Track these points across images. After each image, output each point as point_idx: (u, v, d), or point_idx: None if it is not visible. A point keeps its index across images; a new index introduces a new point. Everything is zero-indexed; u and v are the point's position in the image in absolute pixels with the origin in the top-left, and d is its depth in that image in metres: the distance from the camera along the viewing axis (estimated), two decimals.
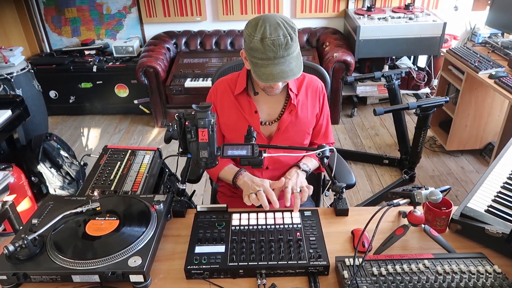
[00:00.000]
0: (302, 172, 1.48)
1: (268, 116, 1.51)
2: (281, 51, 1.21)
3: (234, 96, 1.48)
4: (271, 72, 1.23)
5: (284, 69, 1.23)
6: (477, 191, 1.28)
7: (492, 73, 2.54)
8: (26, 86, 3.10)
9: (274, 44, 1.19)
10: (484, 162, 3.14)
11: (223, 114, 1.52)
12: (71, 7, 4.06)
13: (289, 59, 1.23)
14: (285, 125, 1.49)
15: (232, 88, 1.49)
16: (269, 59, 1.22)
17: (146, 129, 3.87)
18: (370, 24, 3.45)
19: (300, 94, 1.50)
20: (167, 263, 1.14)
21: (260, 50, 1.21)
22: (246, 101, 1.47)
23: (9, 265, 1.03)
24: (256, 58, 1.24)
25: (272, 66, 1.22)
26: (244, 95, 1.47)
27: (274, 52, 1.20)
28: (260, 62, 1.24)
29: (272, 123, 1.51)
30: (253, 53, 1.24)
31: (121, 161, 1.65)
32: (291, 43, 1.21)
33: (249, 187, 1.33)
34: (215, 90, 1.53)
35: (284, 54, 1.22)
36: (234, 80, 1.50)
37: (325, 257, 1.09)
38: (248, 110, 1.48)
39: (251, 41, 1.22)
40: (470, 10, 3.91)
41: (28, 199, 2.41)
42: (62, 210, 1.18)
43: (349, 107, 4.04)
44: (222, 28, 4.07)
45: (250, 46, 1.24)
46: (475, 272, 1.01)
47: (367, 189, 2.91)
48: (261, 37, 1.20)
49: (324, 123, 1.59)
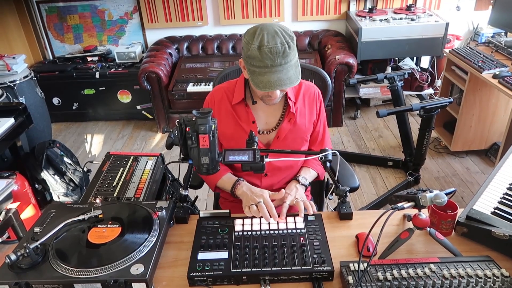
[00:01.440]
0: (301, 186, 1.47)
1: (266, 125, 1.50)
2: (278, 59, 1.20)
3: (231, 105, 1.47)
4: (268, 80, 1.22)
5: (281, 77, 1.22)
6: (483, 193, 1.26)
7: (496, 73, 2.53)
8: (29, 93, 3.10)
9: (272, 52, 1.19)
10: (489, 163, 3.12)
11: (220, 122, 1.50)
12: (73, 14, 4.08)
13: (286, 67, 1.23)
14: (285, 134, 1.48)
15: (229, 97, 1.48)
16: (267, 66, 1.21)
17: (149, 135, 3.87)
18: (372, 26, 3.44)
19: (298, 101, 1.49)
20: (170, 270, 1.14)
21: (257, 58, 1.21)
22: (243, 110, 1.47)
23: (11, 275, 1.03)
24: (253, 66, 1.23)
25: (270, 74, 1.22)
26: (242, 105, 1.46)
27: (272, 60, 1.20)
28: (257, 70, 1.23)
29: (270, 131, 1.50)
30: (250, 61, 1.23)
31: (123, 168, 1.65)
32: (288, 51, 1.21)
33: (249, 197, 1.32)
34: (212, 98, 1.53)
35: (282, 62, 1.21)
36: (231, 88, 1.49)
37: (330, 262, 1.08)
38: (246, 119, 1.47)
39: (249, 49, 1.22)
40: (472, 10, 3.89)
41: (32, 206, 2.41)
42: (64, 218, 1.18)
43: (352, 109, 4.03)
44: (224, 32, 4.07)
45: (248, 54, 1.24)
46: (482, 276, 1.00)
47: (371, 192, 2.89)
48: (259, 45, 1.20)
49: (321, 130, 1.58)
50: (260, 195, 1.29)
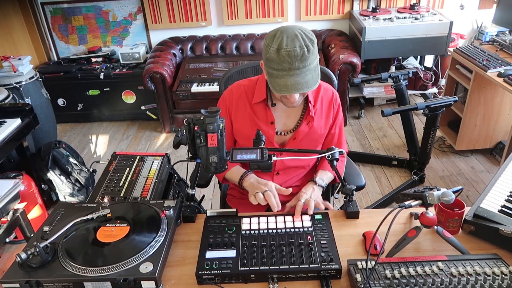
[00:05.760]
0: (319, 187, 1.46)
1: (284, 126, 1.50)
2: (296, 63, 1.19)
3: (250, 104, 1.46)
4: (285, 83, 1.21)
5: (299, 80, 1.21)
6: (490, 191, 1.26)
7: (501, 71, 2.52)
8: (34, 94, 3.13)
9: (290, 55, 1.18)
10: (494, 162, 3.11)
11: (237, 120, 1.50)
12: (78, 15, 4.10)
13: (305, 71, 1.21)
14: (302, 136, 1.47)
15: (248, 96, 1.47)
16: (284, 70, 1.20)
17: (154, 135, 3.88)
18: (376, 25, 3.44)
19: (317, 104, 1.49)
20: (178, 268, 1.14)
21: (275, 61, 1.20)
22: (263, 110, 1.46)
23: (22, 273, 1.04)
24: (272, 68, 1.23)
25: (287, 77, 1.21)
26: (262, 105, 1.45)
27: (289, 63, 1.19)
28: (275, 73, 1.22)
29: (287, 133, 1.50)
30: (269, 63, 1.23)
31: (130, 167, 1.66)
32: (307, 54, 1.19)
33: (255, 187, 1.34)
34: (231, 94, 1.51)
35: (300, 66, 1.20)
36: (252, 87, 1.48)
37: (337, 260, 1.08)
38: (264, 119, 1.46)
39: (268, 51, 1.22)
40: (476, 8, 3.88)
41: (38, 206, 2.42)
42: (73, 217, 1.18)
43: (356, 109, 4.02)
44: (227, 32, 4.08)
45: (266, 56, 1.23)
46: (490, 274, 1.00)
47: (376, 191, 2.89)
48: (277, 47, 1.19)
49: (337, 132, 1.57)
50: (265, 184, 1.32)
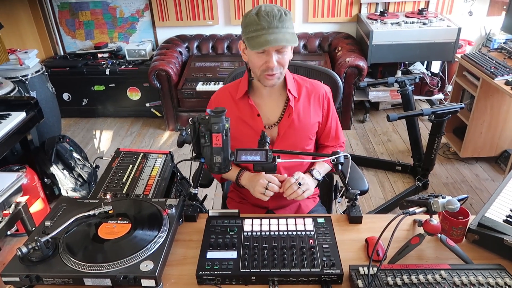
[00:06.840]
0: (314, 180, 1.47)
1: (268, 120, 1.50)
2: (275, 22, 1.24)
3: (234, 101, 1.48)
4: (265, 39, 1.25)
5: (278, 37, 1.25)
6: (495, 201, 1.25)
7: (508, 80, 2.50)
8: (40, 88, 3.13)
9: (269, 15, 1.24)
10: (499, 170, 3.08)
11: None
12: (85, 11, 4.11)
13: (283, 31, 1.26)
14: (285, 129, 1.47)
15: (232, 94, 1.50)
16: (263, 28, 1.25)
17: (158, 132, 3.88)
18: (383, 29, 3.43)
19: (301, 99, 1.49)
20: (178, 268, 1.14)
21: (255, 22, 1.26)
22: (247, 105, 1.47)
23: (22, 267, 1.03)
24: (251, 31, 1.27)
25: (267, 35, 1.25)
26: (245, 99, 1.47)
27: (268, 22, 1.24)
28: (255, 34, 1.26)
29: (271, 126, 1.50)
30: (248, 28, 1.27)
31: (133, 164, 1.66)
32: (285, 17, 1.26)
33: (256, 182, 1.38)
34: (217, 98, 1.55)
35: (279, 25, 1.25)
36: (235, 86, 1.51)
37: (339, 265, 1.07)
38: (250, 114, 1.47)
39: (246, 18, 1.28)
40: (485, 15, 3.86)
41: (40, 200, 2.43)
42: (74, 213, 1.18)
43: (361, 113, 4.01)
44: (234, 32, 4.07)
45: (246, 23, 1.29)
46: (493, 284, 0.99)
47: (379, 196, 2.88)
48: (257, 11, 1.26)
49: (334, 126, 1.58)
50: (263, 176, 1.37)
